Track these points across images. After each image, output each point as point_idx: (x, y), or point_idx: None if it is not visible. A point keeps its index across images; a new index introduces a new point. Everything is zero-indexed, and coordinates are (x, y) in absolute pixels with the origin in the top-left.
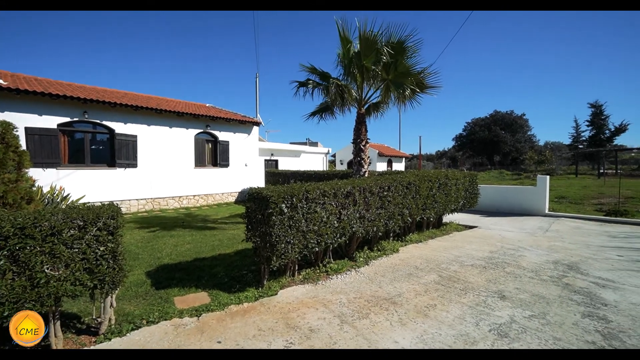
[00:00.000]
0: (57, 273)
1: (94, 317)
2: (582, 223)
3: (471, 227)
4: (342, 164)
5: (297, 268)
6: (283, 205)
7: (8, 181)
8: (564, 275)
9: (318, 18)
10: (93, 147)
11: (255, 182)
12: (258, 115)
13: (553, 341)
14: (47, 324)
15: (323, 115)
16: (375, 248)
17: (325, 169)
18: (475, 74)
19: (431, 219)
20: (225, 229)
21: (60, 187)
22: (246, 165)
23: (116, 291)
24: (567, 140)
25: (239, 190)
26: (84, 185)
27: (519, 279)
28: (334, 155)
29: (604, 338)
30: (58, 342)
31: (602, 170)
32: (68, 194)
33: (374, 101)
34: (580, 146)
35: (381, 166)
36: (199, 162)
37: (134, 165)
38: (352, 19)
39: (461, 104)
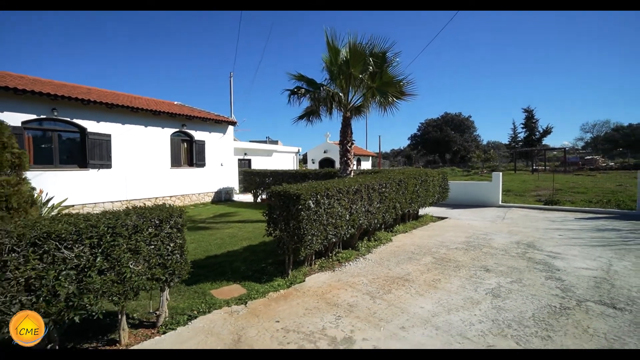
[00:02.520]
0: (138, 268)
1: (151, 310)
2: (528, 211)
3: (443, 218)
4: (313, 162)
5: (313, 258)
6: (310, 201)
7: (7, 184)
8: (525, 252)
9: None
10: (62, 146)
11: (230, 182)
12: (232, 114)
13: (531, 297)
14: (116, 319)
15: (310, 118)
16: (372, 238)
17: (296, 168)
18: (429, 77)
19: (414, 212)
20: (218, 229)
21: (40, 190)
22: (222, 165)
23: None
24: (505, 140)
25: (215, 190)
26: (54, 187)
27: (494, 256)
28: (305, 155)
29: (562, 291)
30: (125, 335)
31: (534, 167)
32: (51, 197)
33: (356, 105)
34: (517, 146)
35: None
36: (175, 162)
37: (108, 166)
38: (338, 28)
39: (416, 105)
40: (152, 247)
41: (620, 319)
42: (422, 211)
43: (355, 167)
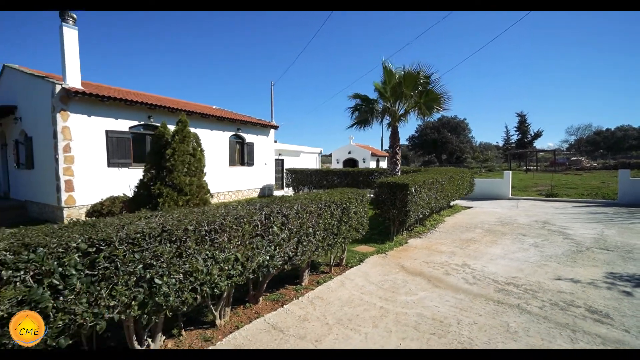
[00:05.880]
0: (346, 228)
1: (337, 255)
2: (535, 202)
3: (469, 207)
4: (338, 162)
5: (404, 230)
6: (413, 189)
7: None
8: (544, 226)
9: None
10: None
11: (272, 179)
12: (273, 119)
13: (557, 246)
14: (322, 266)
15: (362, 126)
16: (430, 219)
17: (318, 167)
18: None
19: (449, 202)
20: None
21: None
22: (265, 164)
23: None
24: (494, 141)
25: (260, 187)
26: None
27: (524, 228)
28: (330, 155)
29: (576, 244)
30: (331, 269)
31: (528, 167)
32: None
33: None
34: (509, 147)
35: (372, 164)
36: (232, 161)
37: None
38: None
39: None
40: (354, 214)
41: (612, 254)
42: (452, 203)
43: (377, 167)
